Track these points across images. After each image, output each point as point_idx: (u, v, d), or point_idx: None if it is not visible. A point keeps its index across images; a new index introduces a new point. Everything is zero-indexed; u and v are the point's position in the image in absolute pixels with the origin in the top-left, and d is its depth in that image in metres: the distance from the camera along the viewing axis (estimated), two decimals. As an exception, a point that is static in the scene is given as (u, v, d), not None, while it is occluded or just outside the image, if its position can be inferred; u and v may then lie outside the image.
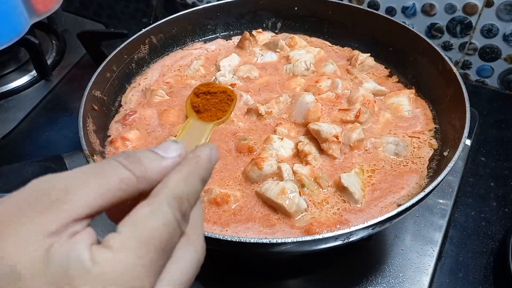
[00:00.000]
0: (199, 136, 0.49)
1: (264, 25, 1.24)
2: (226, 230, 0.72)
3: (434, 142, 0.89)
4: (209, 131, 0.50)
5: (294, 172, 0.80)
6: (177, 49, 1.18)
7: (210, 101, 0.52)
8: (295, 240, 0.60)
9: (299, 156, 0.84)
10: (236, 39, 1.20)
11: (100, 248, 0.32)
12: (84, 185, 0.33)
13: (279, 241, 0.60)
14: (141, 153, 0.38)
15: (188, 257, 0.38)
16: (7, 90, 1.31)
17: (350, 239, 0.65)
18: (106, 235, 0.33)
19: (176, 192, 0.37)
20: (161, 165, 0.38)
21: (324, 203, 0.76)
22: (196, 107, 0.52)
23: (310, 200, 0.77)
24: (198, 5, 1.18)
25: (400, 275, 0.85)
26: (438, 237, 0.91)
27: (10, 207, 0.32)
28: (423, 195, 0.66)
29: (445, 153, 0.83)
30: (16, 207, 0.32)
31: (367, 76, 1.04)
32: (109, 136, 0.92)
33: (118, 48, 1.00)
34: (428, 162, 0.84)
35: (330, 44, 1.18)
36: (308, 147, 0.83)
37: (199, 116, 0.51)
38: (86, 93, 0.86)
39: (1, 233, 0.30)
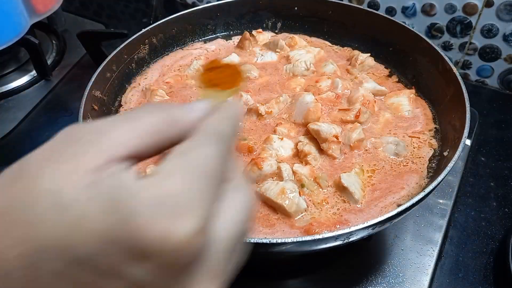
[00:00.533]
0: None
1: (264, 25, 1.24)
2: (226, 230, 0.72)
3: (434, 142, 0.89)
4: (229, 96, 0.50)
5: (294, 172, 0.80)
6: (177, 49, 1.18)
7: (223, 73, 0.52)
8: (295, 240, 0.60)
9: (299, 156, 0.84)
10: (236, 39, 1.20)
11: (147, 175, 0.30)
12: (119, 126, 0.32)
13: (279, 241, 0.60)
14: (171, 106, 0.37)
15: (238, 197, 0.35)
16: (7, 90, 1.31)
17: (350, 239, 0.65)
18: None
19: (216, 129, 0.35)
20: (190, 115, 0.37)
21: (324, 203, 0.76)
22: (211, 81, 0.51)
23: (310, 200, 0.77)
24: (198, 5, 1.18)
25: (400, 275, 0.85)
26: (438, 237, 0.91)
27: (44, 151, 0.31)
28: (423, 195, 0.66)
29: (445, 153, 0.83)
30: (51, 150, 0.31)
31: (367, 76, 1.04)
32: (109, 136, 0.92)
33: (118, 48, 1.00)
34: (428, 162, 0.85)
35: (330, 44, 1.18)
36: (308, 147, 0.83)
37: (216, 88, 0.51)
38: (86, 93, 0.86)
39: (41, 170, 0.29)
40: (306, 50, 1.10)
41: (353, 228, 0.61)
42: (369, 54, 1.08)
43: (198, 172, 0.31)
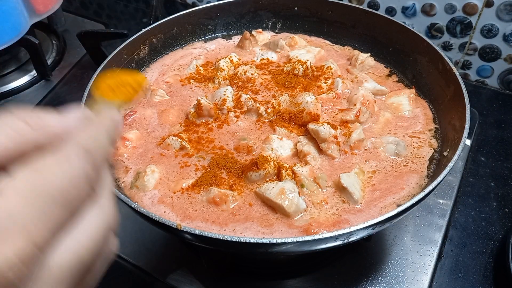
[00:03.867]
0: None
1: (264, 25, 1.24)
2: (225, 230, 0.72)
3: (434, 142, 0.89)
4: (120, 105, 0.49)
5: (294, 172, 0.79)
6: (177, 49, 1.18)
7: (123, 83, 0.51)
8: (295, 240, 0.60)
9: (298, 156, 0.84)
10: (236, 39, 1.20)
11: None
12: None
13: (279, 241, 0.60)
14: (42, 111, 0.35)
15: (94, 219, 0.33)
16: (7, 90, 1.31)
17: (350, 239, 0.64)
18: None
19: (84, 144, 0.33)
20: (62, 119, 0.35)
21: (323, 203, 0.76)
22: (108, 88, 0.51)
23: (309, 201, 0.77)
24: (198, 5, 1.18)
25: (400, 275, 0.85)
26: (438, 237, 0.91)
27: None
28: (423, 195, 0.66)
29: (445, 153, 0.83)
30: None
31: (367, 75, 1.04)
32: (109, 136, 0.92)
33: (118, 48, 1.00)
34: (428, 162, 0.84)
35: (330, 43, 1.18)
36: (307, 147, 0.83)
37: (106, 96, 0.51)
38: (86, 93, 0.86)
39: None
40: (306, 50, 1.10)
41: (353, 228, 0.61)
42: (369, 54, 1.08)
43: (44, 193, 0.28)
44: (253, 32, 1.18)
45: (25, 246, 0.27)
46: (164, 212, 0.76)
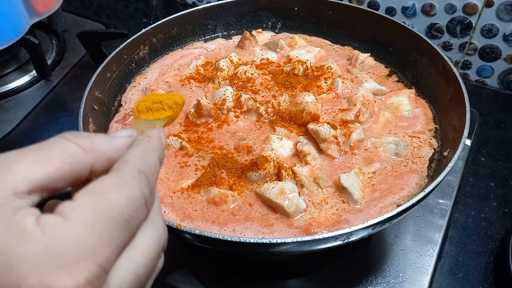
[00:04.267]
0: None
1: (264, 25, 1.24)
2: (225, 230, 0.72)
3: (434, 142, 0.89)
4: (161, 124, 0.49)
5: (294, 172, 0.79)
6: (177, 49, 1.18)
7: (161, 102, 0.52)
8: (295, 240, 0.60)
9: (298, 156, 0.84)
10: (236, 39, 1.20)
11: (48, 215, 0.28)
12: (23, 157, 0.30)
13: (279, 241, 0.60)
14: (91, 133, 0.35)
15: (149, 237, 0.34)
16: (7, 90, 1.31)
17: (350, 239, 0.64)
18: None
19: (139, 167, 0.34)
20: (112, 141, 0.35)
21: (323, 203, 0.76)
22: (147, 108, 0.51)
23: (309, 201, 0.77)
24: (198, 5, 1.18)
25: (400, 275, 0.85)
26: (438, 237, 0.91)
27: None
28: (423, 195, 0.66)
29: (445, 153, 0.83)
30: None
31: (367, 75, 1.04)
32: (109, 136, 0.92)
33: (118, 48, 1.00)
34: (428, 162, 0.84)
35: (330, 43, 1.18)
36: (307, 147, 0.83)
37: (146, 115, 0.51)
38: (86, 93, 0.86)
39: None
40: (306, 50, 1.10)
41: (353, 228, 0.61)
42: (369, 54, 1.08)
43: (107, 217, 0.29)
44: (253, 32, 1.18)
45: (93, 269, 0.28)
46: (164, 212, 0.76)
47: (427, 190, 0.67)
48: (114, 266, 0.30)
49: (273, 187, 0.75)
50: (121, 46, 1.01)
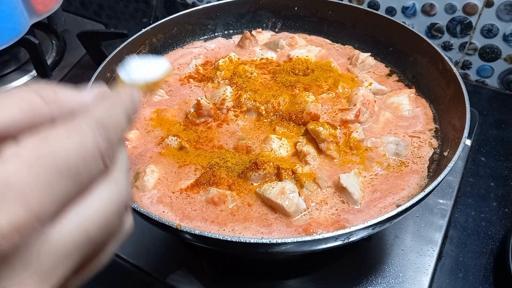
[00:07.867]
0: None
1: (264, 25, 1.24)
2: (224, 230, 0.72)
3: (434, 141, 0.88)
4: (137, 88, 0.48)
5: (293, 172, 0.79)
6: (177, 48, 1.18)
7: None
8: (295, 240, 0.60)
9: (298, 156, 0.84)
10: (236, 38, 1.20)
11: None
12: None
13: (279, 241, 0.60)
14: (60, 86, 0.33)
15: (105, 194, 0.32)
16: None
17: (350, 239, 0.64)
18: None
19: (99, 118, 0.31)
20: (78, 96, 0.33)
21: (323, 203, 0.76)
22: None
23: (309, 201, 0.77)
24: (198, 5, 1.18)
25: (400, 275, 0.85)
26: (438, 237, 0.91)
27: None
28: (423, 196, 0.66)
29: (445, 153, 0.83)
30: None
31: (367, 75, 1.03)
32: (109, 136, 0.91)
33: (118, 48, 1.00)
34: (428, 162, 0.84)
35: (330, 42, 1.17)
36: (307, 147, 0.83)
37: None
38: (85, 93, 0.86)
39: None
40: (306, 49, 1.10)
41: (353, 228, 0.61)
42: (369, 54, 1.07)
43: (49, 163, 0.27)
44: (253, 32, 1.18)
45: (21, 215, 0.26)
46: (163, 212, 0.76)
47: (427, 190, 0.67)
48: (57, 220, 0.28)
49: (273, 187, 0.75)
50: (121, 46, 1.01)
